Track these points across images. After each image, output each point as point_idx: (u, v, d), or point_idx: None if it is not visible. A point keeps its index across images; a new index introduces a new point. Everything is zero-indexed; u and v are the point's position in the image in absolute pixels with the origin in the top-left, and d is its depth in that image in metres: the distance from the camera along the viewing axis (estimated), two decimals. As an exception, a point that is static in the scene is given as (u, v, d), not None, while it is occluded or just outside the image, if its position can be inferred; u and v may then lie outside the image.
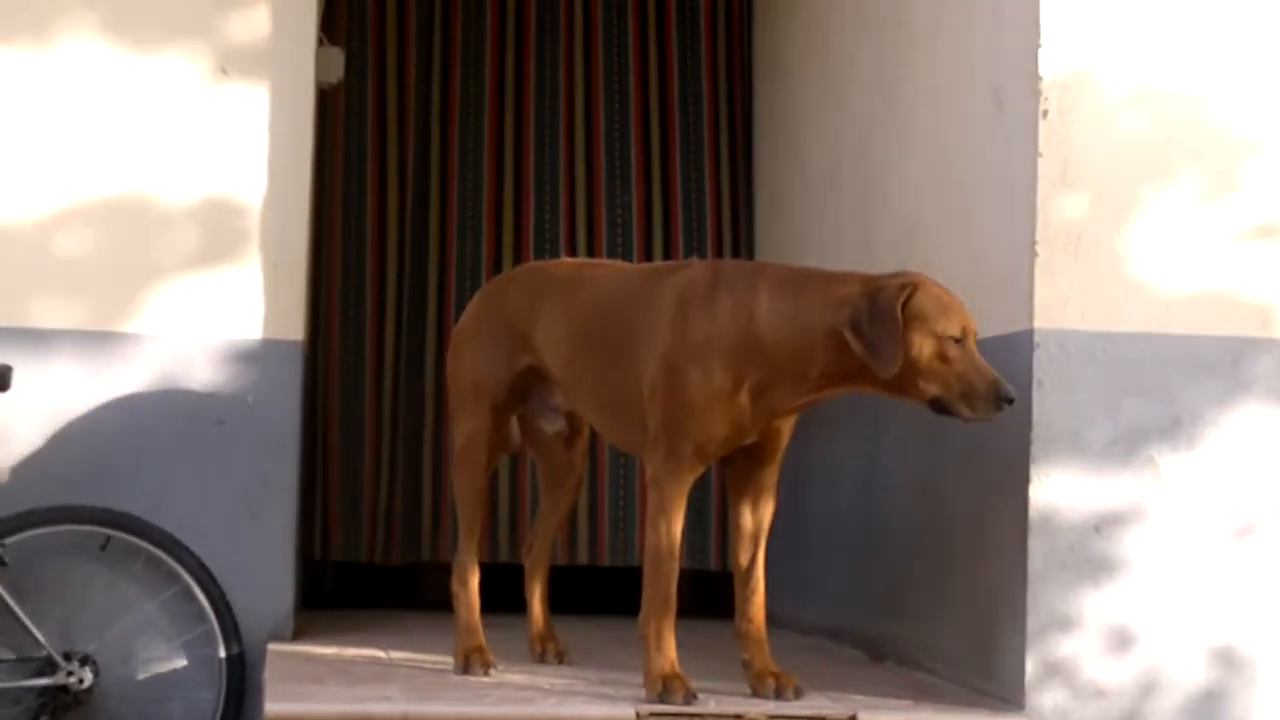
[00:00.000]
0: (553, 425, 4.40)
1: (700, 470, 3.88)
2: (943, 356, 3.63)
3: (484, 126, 6.24)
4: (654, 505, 3.86)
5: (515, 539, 6.02)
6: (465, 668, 4.16)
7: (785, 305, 3.74)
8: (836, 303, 3.68)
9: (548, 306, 4.19)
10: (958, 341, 3.64)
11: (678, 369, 3.79)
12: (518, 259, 6.15)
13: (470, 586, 4.31)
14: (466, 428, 4.31)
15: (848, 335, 3.63)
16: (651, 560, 3.85)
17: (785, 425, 3.90)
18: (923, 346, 3.62)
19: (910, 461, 4.63)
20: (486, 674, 4.14)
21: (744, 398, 3.77)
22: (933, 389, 3.64)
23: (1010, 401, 3.61)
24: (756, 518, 3.98)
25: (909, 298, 3.63)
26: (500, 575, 5.06)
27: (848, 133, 5.26)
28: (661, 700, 3.75)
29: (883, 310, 3.61)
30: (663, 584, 3.84)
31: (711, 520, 6.12)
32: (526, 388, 4.30)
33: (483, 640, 4.24)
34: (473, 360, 4.32)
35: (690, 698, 3.75)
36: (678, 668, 3.82)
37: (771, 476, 3.97)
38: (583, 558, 6.07)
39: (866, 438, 4.95)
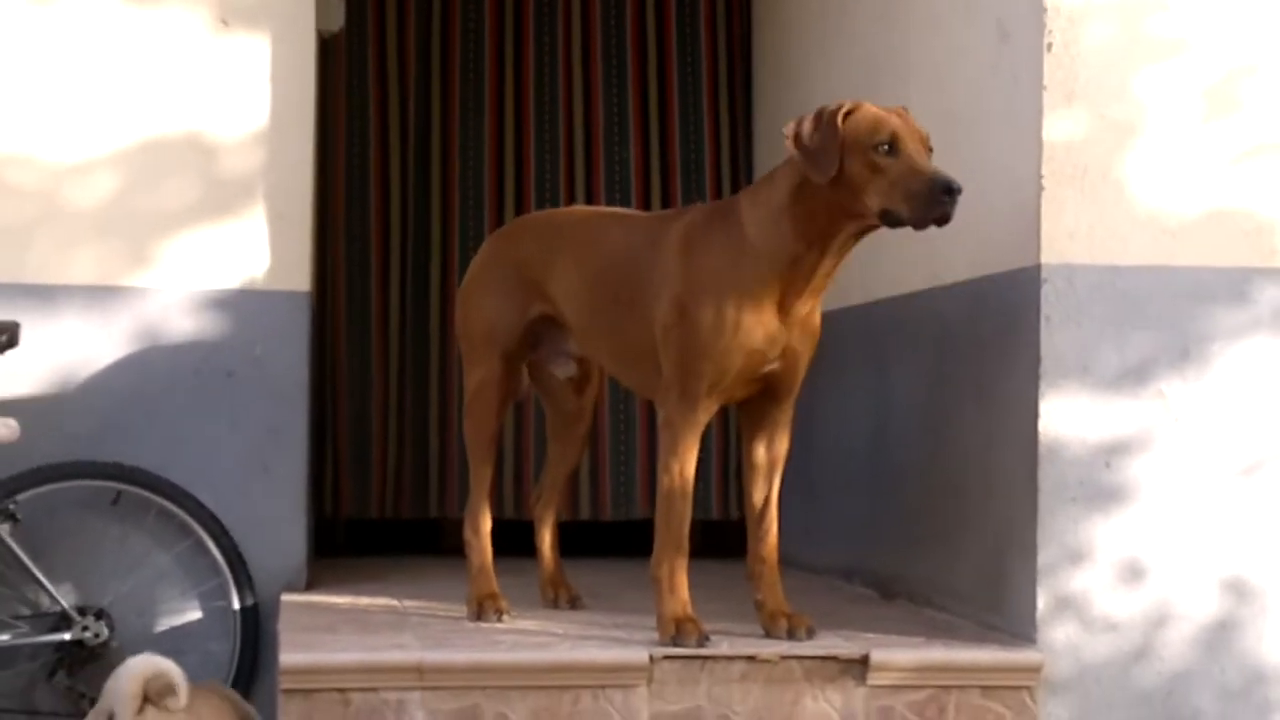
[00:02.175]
0: (565, 370, 4.40)
1: (713, 410, 3.88)
2: (874, 167, 3.64)
3: (484, 76, 6.22)
4: (666, 447, 3.86)
5: (520, 495, 6.04)
6: (479, 614, 4.18)
7: (760, 197, 3.84)
8: (791, 165, 3.77)
9: (560, 255, 4.19)
10: (889, 149, 3.64)
11: (688, 309, 3.80)
12: (519, 208, 6.15)
13: (483, 534, 4.32)
14: (477, 375, 4.31)
15: (788, 145, 3.71)
16: (664, 502, 3.86)
17: (802, 357, 3.89)
18: (854, 162, 3.65)
19: (919, 399, 4.63)
20: (500, 620, 4.15)
21: (757, 317, 3.77)
22: (875, 201, 3.65)
23: (951, 191, 3.57)
24: (771, 455, 3.98)
25: (848, 114, 3.69)
26: (506, 530, 5.06)
27: (851, 69, 5.24)
28: (675, 643, 3.77)
29: (822, 121, 3.70)
30: (675, 526, 3.85)
31: (712, 470, 6.14)
32: (538, 335, 4.30)
33: (496, 587, 4.25)
34: (483, 308, 4.32)
35: (704, 640, 3.77)
36: (691, 610, 3.83)
37: (786, 413, 3.97)
38: (585, 513, 6.08)
39: (874, 377, 4.95)
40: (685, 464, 3.84)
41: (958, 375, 4.36)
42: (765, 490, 3.97)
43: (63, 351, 4.60)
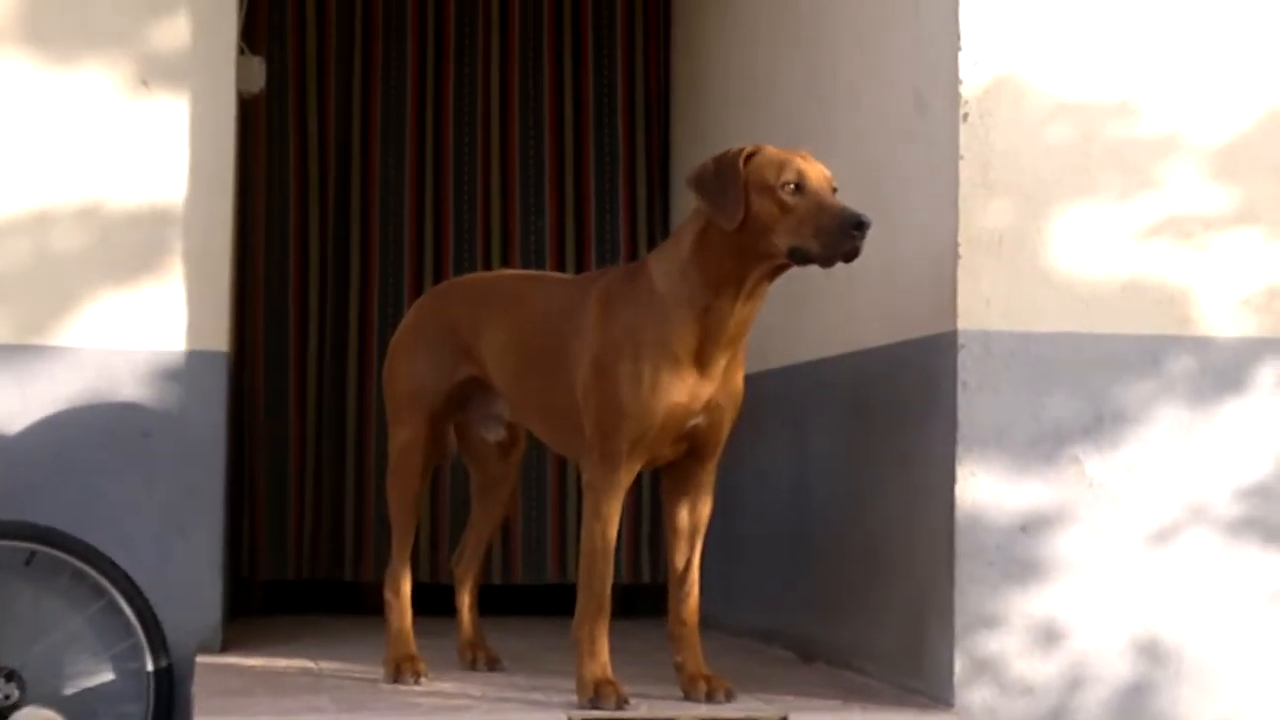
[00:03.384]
0: (493, 434, 4.40)
1: (635, 471, 3.87)
2: (783, 206, 3.67)
3: (405, 138, 6.24)
4: (588, 509, 3.87)
5: (436, 558, 6.02)
6: (396, 676, 4.15)
7: (666, 251, 3.88)
8: (695, 215, 3.82)
9: (489, 317, 4.20)
10: (796, 188, 3.67)
11: (606, 368, 3.82)
12: (438, 269, 6.17)
13: (403, 595, 4.30)
14: (402, 436, 4.30)
15: (693, 190, 3.76)
16: (586, 563, 3.86)
17: (726, 413, 3.90)
18: (761, 203, 3.68)
19: (838, 462, 4.66)
20: (417, 683, 4.13)
21: (675, 371, 3.78)
22: (784, 240, 3.67)
23: (861, 225, 3.59)
24: (694, 518, 3.99)
25: (749, 157, 3.73)
26: (422, 592, 5.04)
27: (771, 136, 5.28)
28: (593, 705, 3.76)
29: (724, 165, 3.73)
30: (596, 587, 3.85)
31: (624, 533, 6.16)
32: (466, 397, 4.30)
33: (414, 649, 4.23)
34: (411, 368, 4.32)
35: (622, 703, 3.76)
36: (610, 672, 3.83)
37: (709, 475, 3.98)
38: (496, 577, 6.07)
39: (795, 441, 4.98)
40: (607, 525, 3.84)
41: (877, 439, 4.39)
42: (687, 554, 3.98)
43: (-24, 410, 4.56)
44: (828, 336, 4.72)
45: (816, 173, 3.72)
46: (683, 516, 3.99)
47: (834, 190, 3.74)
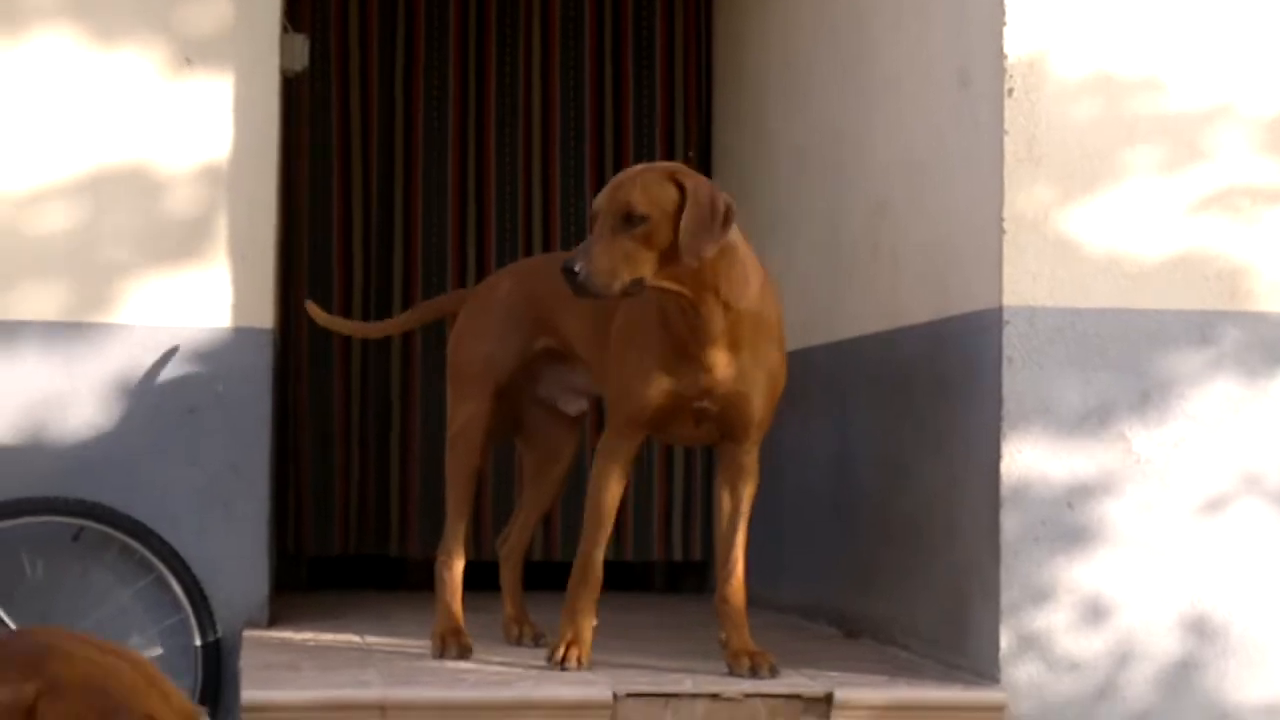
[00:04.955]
0: (575, 406, 4.43)
1: (635, 443, 3.98)
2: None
3: (447, 117, 6.25)
4: (590, 476, 4.00)
5: (481, 536, 6.03)
6: (441, 651, 4.17)
7: None
8: None
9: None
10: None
11: (617, 350, 3.96)
12: (480, 248, 6.21)
13: (454, 570, 4.31)
14: (466, 410, 4.31)
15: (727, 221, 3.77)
16: (583, 528, 4.00)
17: (746, 399, 3.91)
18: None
19: (882, 440, 4.65)
20: (463, 658, 4.14)
21: (665, 365, 3.85)
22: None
23: (567, 271, 3.63)
24: (735, 498, 4.00)
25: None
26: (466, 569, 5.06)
27: (814, 119, 5.28)
28: (551, 659, 3.93)
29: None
30: (586, 550, 3.97)
31: (668, 512, 6.18)
32: (540, 371, 4.32)
33: (461, 624, 4.25)
34: (481, 343, 4.33)
35: (580, 663, 3.91)
36: (585, 635, 3.97)
37: (747, 456, 3.99)
38: (536, 554, 6.09)
39: (838, 417, 4.97)
40: (601, 492, 3.95)
41: (920, 415, 4.39)
42: (730, 532, 3.99)
43: (24, 387, 4.59)
44: (871, 313, 4.71)
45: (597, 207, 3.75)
46: (725, 496, 4.01)
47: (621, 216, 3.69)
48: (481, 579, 4.80)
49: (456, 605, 4.28)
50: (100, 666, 1.63)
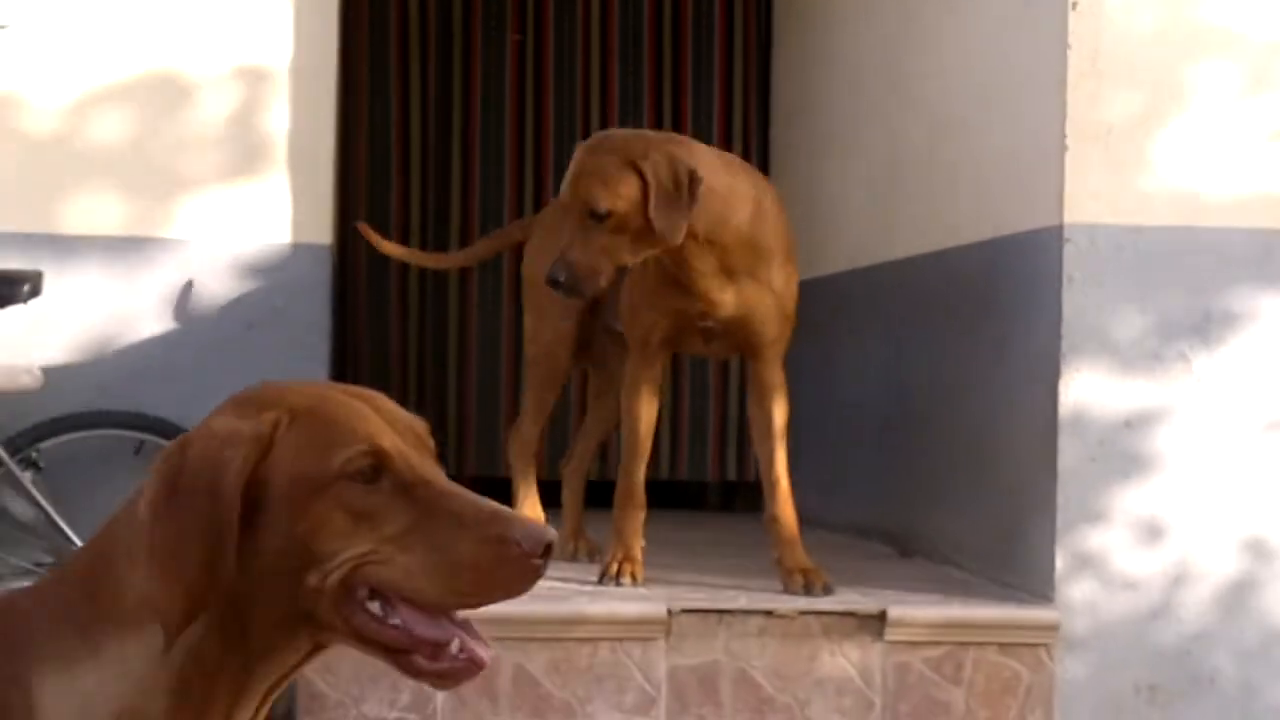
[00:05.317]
0: None
1: (653, 365, 4.02)
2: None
3: (506, 30, 6.22)
4: (621, 403, 4.10)
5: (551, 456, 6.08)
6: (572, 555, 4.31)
7: None
8: None
9: None
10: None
11: (626, 280, 4.02)
12: (538, 161, 6.21)
13: (529, 479, 4.41)
14: (547, 331, 4.36)
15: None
16: (622, 451, 4.07)
17: (753, 319, 3.92)
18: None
19: (938, 359, 4.63)
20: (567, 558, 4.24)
21: (669, 291, 3.89)
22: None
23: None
24: (764, 413, 4.02)
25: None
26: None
27: (873, 36, 5.22)
28: (607, 579, 3.97)
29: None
30: (627, 472, 4.04)
31: (718, 432, 6.20)
32: (603, 294, 4.33)
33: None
34: None
35: (634, 581, 3.96)
36: (635, 553, 4.01)
37: (771, 374, 4.00)
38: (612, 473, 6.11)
39: (893, 338, 4.95)
40: (630, 412, 4.03)
41: (977, 335, 4.36)
42: (766, 449, 4.00)
43: (86, 302, 4.62)
44: (929, 232, 4.68)
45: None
46: (755, 413, 4.04)
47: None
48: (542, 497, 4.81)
49: (537, 512, 4.34)
50: (334, 401, 1.69)
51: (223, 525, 1.59)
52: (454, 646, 1.67)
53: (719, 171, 3.82)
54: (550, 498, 4.62)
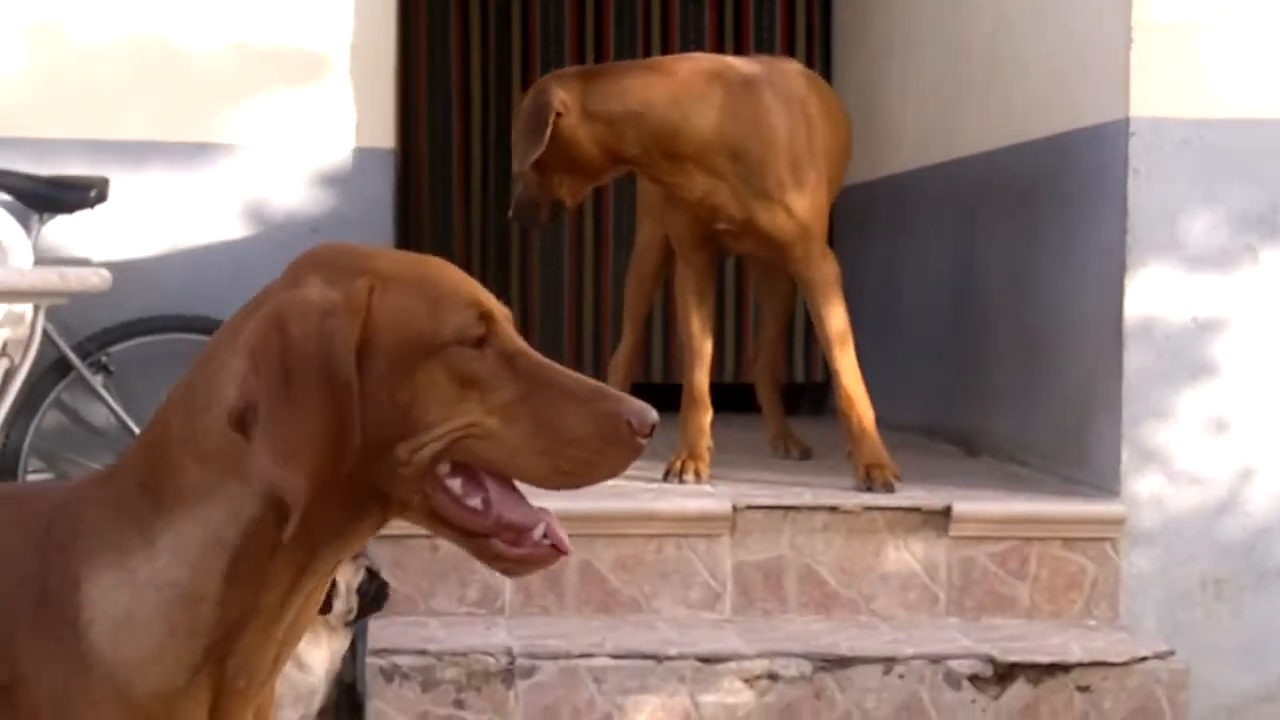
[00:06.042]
0: None
1: (696, 267, 4.08)
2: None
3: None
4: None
5: (668, 357, 6.13)
6: None
7: None
8: None
9: None
10: None
11: None
12: (599, 61, 6.17)
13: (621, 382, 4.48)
14: (644, 232, 4.43)
15: None
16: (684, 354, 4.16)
17: (758, 221, 3.92)
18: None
19: (1002, 256, 4.62)
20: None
21: (693, 179, 3.92)
22: None
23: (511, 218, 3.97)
24: (815, 315, 4.04)
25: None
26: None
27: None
28: (672, 477, 4.01)
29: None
30: (686, 372, 4.10)
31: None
32: None
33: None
34: None
35: (699, 478, 3.99)
36: (700, 451, 4.04)
37: (808, 273, 4.00)
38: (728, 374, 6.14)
39: (957, 234, 4.93)
40: (683, 316, 4.10)
41: (1042, 231, 4.34)
42: (826, 348, 4.03)
43: (152, 207, 4.65)
44: (993, 129, 4.65)
45: None
46: (813, 311, 4.04)
47: None
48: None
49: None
50: (431, 264, 1.63)
51: (344, 405, 1.51)
52: (538, 532, 1.59)
53: (664, 86, 3.84)
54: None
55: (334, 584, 3.29)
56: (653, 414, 1.57)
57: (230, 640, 1.58)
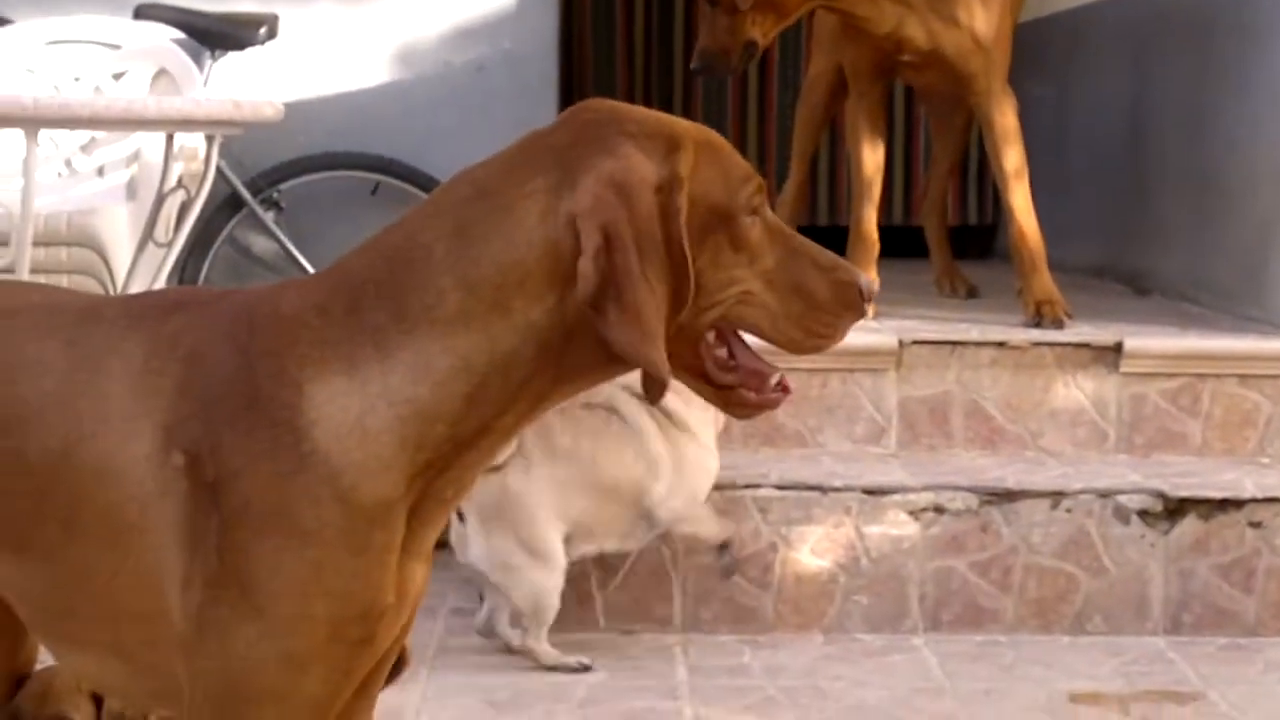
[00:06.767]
0: None
1: (871, 98, 4.03)
2: None
3: None
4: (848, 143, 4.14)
5: (833, 199, 6.09)
6: None
7: None
8: None
9: None
10: None
11: None
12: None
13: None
14: (814, 65, 4.38)
15: None
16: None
17: (945, 54, 3.85)
18: None
19: (1177, 92, 4.50)
20: None
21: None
22: None
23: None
24: (993, 153, 3.97)
25: None
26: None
27: None
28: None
29: None
30: (854, 209, 4.05)
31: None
32: None
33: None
34: None
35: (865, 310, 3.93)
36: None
37: (988, 109, 3.92)
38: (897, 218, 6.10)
39: (1130, 70, 4.82)
40: (854, 152, 4.04)
41: (1221, 64, 4.22)
42: (1001, 186, 3.96)
43: (320, 45, 4.68)
44: (1172, -41, 4.52)
45: None
46: (989, 149, 3.97)
47: None
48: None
49: None
50: (705, 131, 1.67)
51: (681, 279, 1.58)
52: (774, 379, 1.70)
53: None
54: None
55: None
56: (876, 282, 1.66)
57: (454, 455, 1.62)
